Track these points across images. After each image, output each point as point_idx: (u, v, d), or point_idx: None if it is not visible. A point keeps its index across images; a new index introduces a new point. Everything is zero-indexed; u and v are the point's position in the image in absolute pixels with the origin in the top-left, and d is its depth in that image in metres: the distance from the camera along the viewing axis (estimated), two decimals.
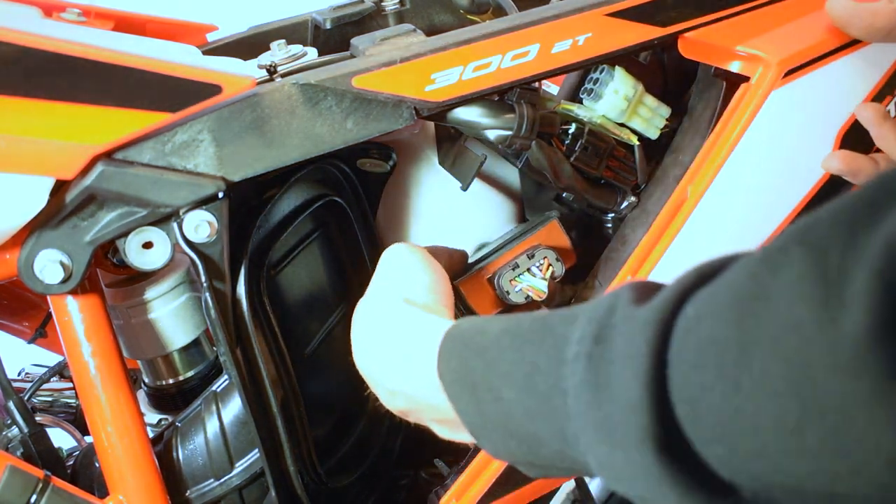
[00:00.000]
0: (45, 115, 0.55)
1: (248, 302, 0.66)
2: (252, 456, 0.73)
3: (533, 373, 0.43)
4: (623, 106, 0.71)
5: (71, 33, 0.60)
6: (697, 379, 0.34)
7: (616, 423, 0.37)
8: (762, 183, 0.68)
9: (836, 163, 0.67)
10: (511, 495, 0.71)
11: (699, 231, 0.67)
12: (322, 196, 0.77)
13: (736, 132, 0.65)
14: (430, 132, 0.78)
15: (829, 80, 0.66)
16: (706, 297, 0.36)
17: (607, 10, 0.67)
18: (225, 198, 0.62)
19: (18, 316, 0.96)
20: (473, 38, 0.64)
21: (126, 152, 0.58)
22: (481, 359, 0.47)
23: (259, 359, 0.68)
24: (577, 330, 0.41)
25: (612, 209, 0.76)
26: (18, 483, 0.63)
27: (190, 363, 0.83)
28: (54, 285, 0.60)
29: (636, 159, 0.73)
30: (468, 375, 0.47)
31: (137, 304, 0.77)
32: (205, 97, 0.58)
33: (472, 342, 0.48)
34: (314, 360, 0.78)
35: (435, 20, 0.86)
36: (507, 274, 0.70)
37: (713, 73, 0.72)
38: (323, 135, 0.63)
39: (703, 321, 0.35)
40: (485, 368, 0.46)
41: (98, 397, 0.66)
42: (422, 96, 0.64)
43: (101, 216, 0.60)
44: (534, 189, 0.81)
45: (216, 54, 0.78)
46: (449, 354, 0.50)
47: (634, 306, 0.39)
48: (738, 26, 0.69)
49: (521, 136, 0.67)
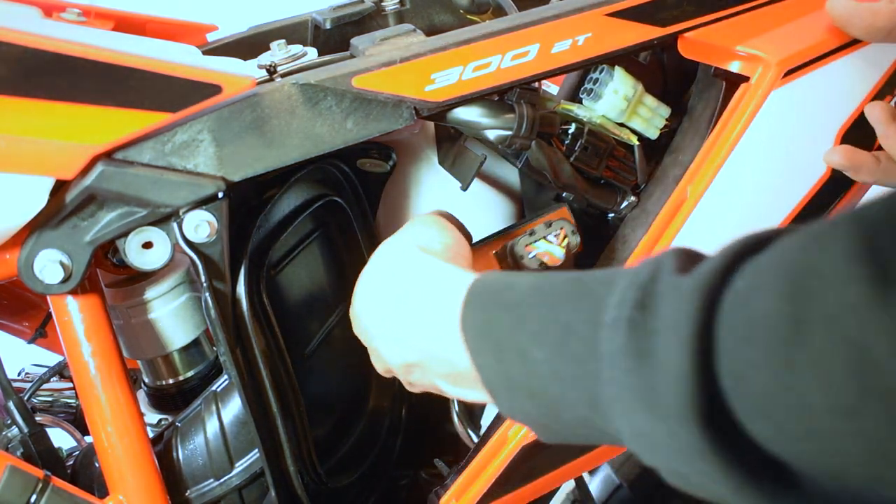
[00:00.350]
0: (45, 115, 0.55)
1: (248, 302, 0.66)
2: (252, 456, 0.73)
3: (566, 334, 0.41)
4: (623, 106, 0.71)
5: (71, 33, 0.60)
6: (746, 354, 0.34)
7: (658, 393, 0.36)
8: (762, 183, 0.68)
9: (837, 157, 0.67)
10: (511, 495, 0.71)
11: (699, 231, 0.67)
12: (322, 196, 0.77)
13: (736, 132, 0.65)
14: (430, 132, 0.78)
15: (829, 80, 0.66)
16: (756, 269, 0.35)
17: (607, 10, 0.67)
18: (225, 198, 0.62)
19: (18, 316, 0.96)
20: (473, 38, 0.64)
21: (126, 152, 0.58)
22: (510, 314, 0.45)
23: (259, 359, 0.68)
24: (616, 294, 0.40)
25: (612, 209, 0.76)
26: (18, 483, 0.63)
27: (190, 363, 0.84)
28: (54, 285, 0.60)
29: (636, 159, 0.73)
30: (493, 331, 0.46)
31: (137, 304, 0.77)
32: (205, 97, 0.58)
33: (500, 297, 0.47)
34: (314, 360, 0.78)
35: (435, 20, 0.86)
36: (522, 240, 0.69)
37: (713, 73, 0.72)
38: (323, 135, 0.63)
39: (753, 294, 0.34)
40: (513, 325, 0.45)
41: (98, 397, 0.66)
42: (422, 96, 0.64)
43: (101, 216, 0.60)
44: (534, 189, 0.81)
45: (216, 54, 0.78)
46: (474, 307, 0.48)
47: (679, 274, 0.38)
48: (738, 26, 0.69)
49: (520, 136, 0.67)
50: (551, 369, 0.42)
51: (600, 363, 0.39)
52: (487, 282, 0.49)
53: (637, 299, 0.39)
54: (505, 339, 0.45)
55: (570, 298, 0.42)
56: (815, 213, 0.70)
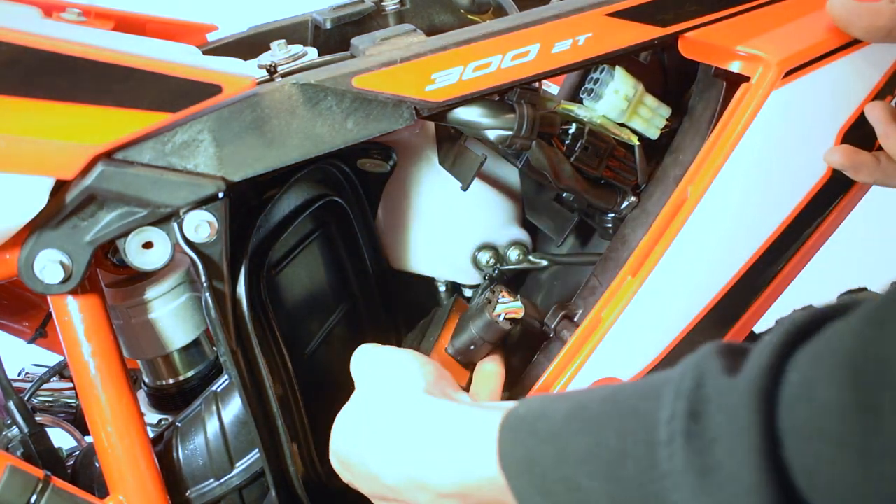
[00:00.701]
0: (45, 115, 0.55)
1: (248, 302, 0.66)
2: (252, 456, 0.73)
3: (619, 459, 0.40)
4: (623, 106, 0.71)
5: (71, 33, 0.60)
6: (816, 449, 0.33)
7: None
8: (762, 183, 0.68)
9: (837, 157, 0.67)
10: None
11: (699, 231, 0.67)
12: (322, 196, 0.77)
13: (736, 132, 0.65)
14: (430, 132, 0.78)
15: (830, 81, 0.66)
16: (810, 360, 0.34)
17: (607, 10, 0.67)
18: (225, 198, 0.62)
19: (18, 316, 0.96)
20: (474, 38, 0.64)
21: (126, 152, 0.58)
22: (551, 446, 0.43)
23: (259, 359, 0.68)
24: (664, 408, 0.38)
25: (612, 209, 0.76)
26: (18, 483, 0.63)
27: (190, 363, 0.84)
28: (54, 285, 0.60)
29: (636, 159, 0.73)
30: (535, 465, 0.44)
31: (137, 304, 0.77)
32: (205, 97, 0.58)
33: (538, 429, 0.45)
34: (314, 360, 0.78)
35: (435, 20, 0.86)
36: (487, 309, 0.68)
37: (713, 73, 0.72)
38: (323, 135, 0.63)
39: (813, 387, 0.33)
40: (556, 456, 0.43)
41: (98, 397, 0.66)
42: (422, 96, 0.64)
43: (101, 216, 0.60)
44: (534, 189, 0.81)
45: (216, 54, 0.78)
46: (512, 444, 0.46)
47: (727, 376, 0.37)
48: (739, 26, 0.69)
49: (521, 136, 0.67)
50: (608, 495, 0.40)
51: (664, 481, 0.38)
52: (520, 414, 0.47)
53: (688, 410, 0.37)
54: (550, 472, 0.43)
55: (613, 420, 0.41)
56: (815, 213, 0.70)
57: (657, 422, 0.38)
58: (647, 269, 0.67)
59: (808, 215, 0.70)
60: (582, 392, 0.45)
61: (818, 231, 0.72)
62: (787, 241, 0.70)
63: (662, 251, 0.67)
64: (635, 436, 0.39)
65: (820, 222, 0.71)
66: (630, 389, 0.42)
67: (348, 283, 0.83)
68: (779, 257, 0.71)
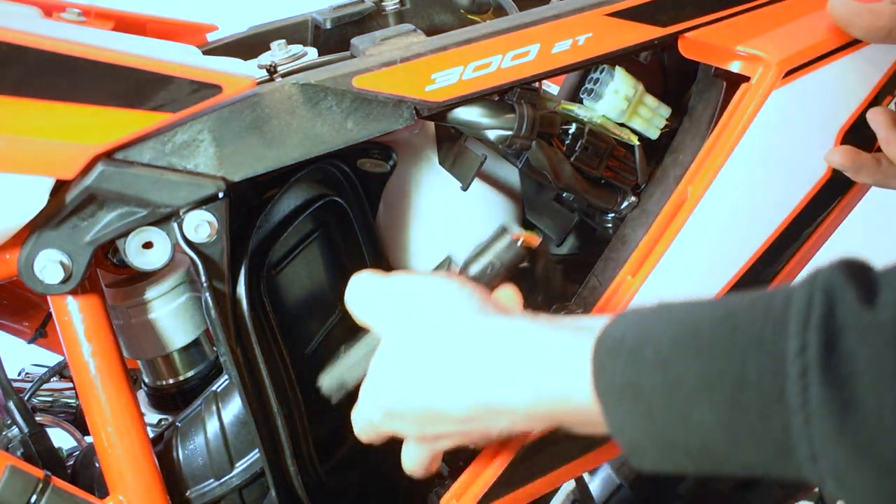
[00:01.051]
0: (45, 115, 0.55)
1: (248, 302, 0.66)
2: (252, 456, 0.73)
3: (740, 390, 0.38)
4: (623, 106, 0.71)
5: (71, 33, 0.60)
6: None
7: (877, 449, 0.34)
8: (762, 183, 0.68)
9: (838, 158, 0.67)
10: (511, 495, 0.71)
11: (699, 231, 0.67)
12: (322, 196, 0.77)
13: (736, 132, 0.65)
14: (430, 132, 0.78)
15: (830, 81, 0.66)
16: None
17: (607, 10, 0.67)
18: (225, 198, 0.62)
19: (18, 316, 0.96)
20: (474, 38, 0.64)
21: (126, 152, 0.58)
22: (660, 374, 0.41)
23: (259, 359, 0.68)
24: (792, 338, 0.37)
25: (612, 209, 0.76)
26: (18, 483, 0.63)
27: (190, 363, 0.84)
28: (54, 285, 0.60)
29: (636, 159, 0.73)
30: (640, 392, 0.42)
31: (137, 304, 0.77)
32: (205, 97, 0.58)
33: (643, 355, 0.42)
34: (314, 360, 0.78)
35: (435, 20, 0.86)
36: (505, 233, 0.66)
37: (713, 73, 0.72)
38: (323, 135, 0.63)
39: None
40: (666, 385, 0.41)
41: (98, 397, 0.66)
42: (422, 96, 0.64)
43: (101, 216, 0.60)
44: (534, 189, 0.81)
45: (216, 54, 0.78)
46: (612, 369, 0.43)
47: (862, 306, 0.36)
48: (739, 26, 0.69)
49: (521, 136, 0.67)
50: (723, 427, 0.39)
51: (793, 416, 0.36)
52: (617, 337, 0.44)
53: (823, 342, 0.36)
54: (657, 401, 0.41)
55: (732, 349, 0.39)
56: (814, 213, 0.70)
57: (786, 353, 0.37)
58: (647, 269, 0.67)
59: (807, 215, 0.70)
60: (685, 310, 0.42)
61: (818, 231, 0.72)
62: (787, 242, 0.70)
63: (662, 251, 0.67)
64: (760, 367, 0.37)
65: (820, 222, 0.72)
66: (746, 314, 0.39)
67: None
68: (778, 257, 0.71)
